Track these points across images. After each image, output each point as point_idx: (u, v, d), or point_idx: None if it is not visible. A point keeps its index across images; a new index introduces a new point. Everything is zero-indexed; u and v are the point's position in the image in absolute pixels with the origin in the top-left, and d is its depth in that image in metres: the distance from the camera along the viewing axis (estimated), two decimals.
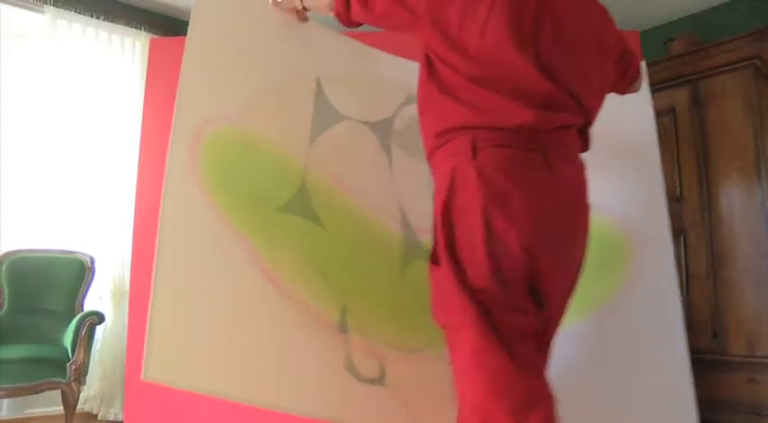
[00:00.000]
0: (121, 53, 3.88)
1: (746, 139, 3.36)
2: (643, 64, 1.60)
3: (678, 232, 3.58)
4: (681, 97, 3.67)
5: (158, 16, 4.14)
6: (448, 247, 1.22)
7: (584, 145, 1.39)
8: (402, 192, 1.73)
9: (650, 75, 3.51)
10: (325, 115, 1.67)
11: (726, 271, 3.37)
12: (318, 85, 1.72)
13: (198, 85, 1.54)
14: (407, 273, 1.66)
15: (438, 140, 1.28)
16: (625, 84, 1.59)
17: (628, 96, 1.70)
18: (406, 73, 1.79)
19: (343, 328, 1.48)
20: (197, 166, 1.43)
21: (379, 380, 1.49)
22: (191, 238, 1.38)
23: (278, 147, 1.58)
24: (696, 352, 3.41)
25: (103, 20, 3.83)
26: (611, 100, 1.54)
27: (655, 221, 1.93)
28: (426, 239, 1.58)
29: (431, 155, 1.32)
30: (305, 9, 1.71)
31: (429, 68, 1.32)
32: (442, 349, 1.37)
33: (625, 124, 1.85)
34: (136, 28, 3.93)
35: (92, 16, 3.78)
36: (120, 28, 3.90)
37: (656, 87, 3.66)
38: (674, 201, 3.63)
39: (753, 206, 3.32)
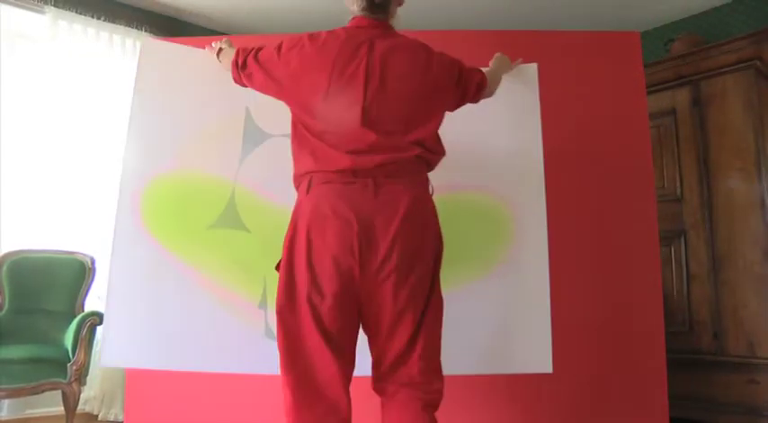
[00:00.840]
0: (122, 53, 3.89)
1: (747, 140, 3.36)
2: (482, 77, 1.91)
3: (678, 233, 3.58)
4: (681, 98, 3.67)
5: (159, 16, 4.15)
6: (287, 258, 1.60)
7: (428, 167, 1.72)
8: None
9: (651, 75, 3.55)
10: (253, 137, 2.06)
11: (726, 271, 3.37)
12: (247, 112, 2.13)
13: (138, 148, 2.06)
14: None
15: (296, 183, 1.69)
16: (471, 98, 1.86)
17: (515, 94, 2.22)
18: None
19: (263, 305, 1.97)
20: (137, 210, 1.98)
21: None
22: (133, 262, 1.97)
23: (208, 175, 2.05)
24: (696, 352, 3.43)
25: (104, 20, 3.83)
26: (500, 95, 2.03)
27: (531, 198, 2.21)
28: None
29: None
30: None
31: (293, 127, 1.70)
32: None
33: (511, 117, 2.24)
34: (137, 28, 3.93)
35: (92, 17, 3.78)
36: (121, 28, 3.90)
37: (656, 88, 3.67)
38: (675, 201, 3.63)
39: (753, 207, 3.31)
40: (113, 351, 1.95)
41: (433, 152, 1.70)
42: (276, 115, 1.99)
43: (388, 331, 1.59)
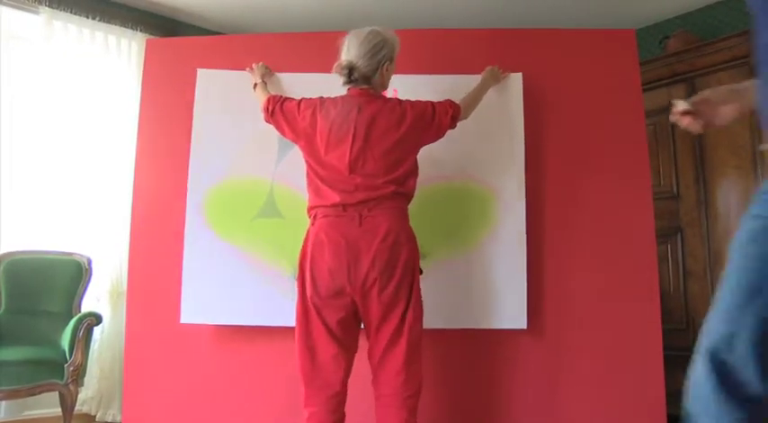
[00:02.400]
0: (117, 54, 3.88)
1: (743, 138, 3.37)
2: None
3: (675, 230, 3.59)
4: (677, 95, 3.66)
5: (154, 17, 4.14)
6: (300, 270, 2.11)
7: (405, 198, 2.17)
8: None
9: (646, 73, 3.55)
10: (287, 142, 2.41)
11: (723, 268, 3.37)
12: None
13: (200, 164, 2.62)
14: None
15: (308, 214, 2.18)
16: (447, 127, 2.26)
17: (501, 100, 2.61)
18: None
19: (292, 276, 2.34)
20: (202, 212, 2.59)
21: None
22: (200, 249, 2.58)
23: (252, 178, 2.61)
24: (694, 350, 3.43)
25: (99, 21, 3.83)
26: (487, 98, 2.51)
27: (512, 184, 2.57)
28: None
29: None
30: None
31: (306, 169, 2.20)
32: None
33: (498, 119, 2.62)
34: (132, 28, 3.93)
35: (87, 17, 3.78)
36: (116, 29, 3.90)
37: (652, 85, 3.68)
38: (671, 199, 3.64)
39: (749, 204, 3.32)
40: (188, 313, 2.52)
41: (406, 186, 2.17)
42: None
43: (376, 327, 2.07)
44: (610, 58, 2.74)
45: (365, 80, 2.14)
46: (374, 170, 2.09)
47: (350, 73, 2.12)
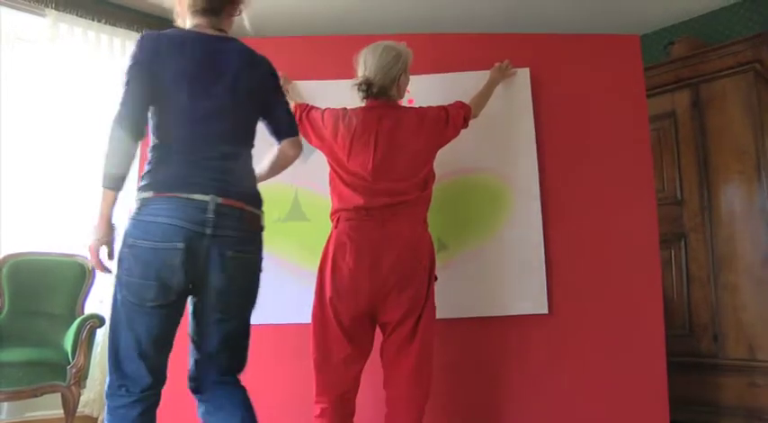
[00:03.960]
0: (123, 56, 3.89)
1: (747, 143, 3.37)
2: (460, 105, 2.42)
3: (679, 236, 3.59)
4: (681, 100, 3.68)
5: (159, 20, 4.15)
6: (320, 270, 2.19)
7: (425, 204, 2.26)
8: None
9: (651, 78, 3.55)
10: (308, 148, 2.48)
11: (726, 274, 3.37)
12: None
13: None
14: None
15: (331, 218, 2.25)
16: (462, 127, 2.37)
17: (512, 95, 2.71)
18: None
19: None
20: None
21: None
22: None
23: (278, 184, 2.49)
24: (697, 355, 3.43)
25: (104, 23, 3.84)
26: (496, 94, 2.61)
27: (526, 176, 2.67)
28: None
29: None
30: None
31: (330, 174, 2.30)
32: None
33: (504, 106, 2.70)
34: (137, 31, 3.93)
35: (93, 19, 3.79)
36: (122, 31, 3.91)
37: (656, 91, 3.68)
38: (675, 204, 3.63)
39: (753, 209, 3.32)
40: None
41: (426, 191, 2.26)
42: None
43: (392, 329, 2.13)
44: (614, 63, 2.74)
45: (383, 93, 2.25)
46: (396, 176, 2.18)
47: (368, 88, 2.23)
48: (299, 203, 2.72)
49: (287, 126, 1.97)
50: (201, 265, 1.67)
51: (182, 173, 1.70)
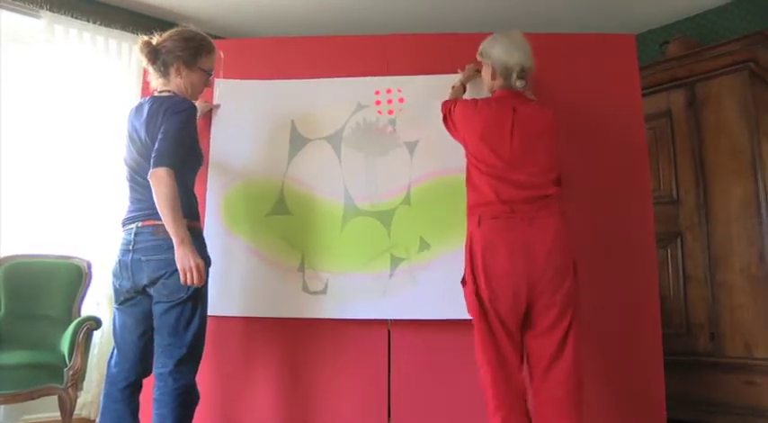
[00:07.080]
0: (118, 57, 3.89)
1: (742, 142, 3.38)
2: None
3: (675, 234, 3.59)
4: (677, 100, 3.69)
5: (155, 21, 4.15)
6: (470, 274, 2.14)
7: (563, 202, 2.19)
8: (346, 175, 2.69)
9: (646, 77, 3.56)
10: (297, 143, 2.70)
11: (723, 273, 3.38)
12: (292, 124, 2.75)
13: (218, 167, 2.74)
14: (345, 228, 2.66)
15: (468, 212, 2.23)
16: None
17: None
18: (356, 87, 2.72)
19: (301, 269, 2.63)
20: (219, 212, 2.70)
21: (323, 291, 2.60)
22: (216, 244, 2.48)
23: (265, 177, 2.71)
24: (693, 354, 3.43)
25: (100, 25, 3.84)
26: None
27: None
28: (362, 204, 2.66)
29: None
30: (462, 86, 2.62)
31: (467, 167, 2.28)
32: (363, 270, 2.59)
33: None
34: (132, 32, 3.92)
35: (88, 21, 3.79)
36: (117, 32, 3.90)
37: (652, 90, 3.68)
38: (671, 203, 3.64)
39: (749, 208, 3.33)
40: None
41: (561, 188, 2.21)
42: (314, 123, 2.73)
43: (548, 328, 2.07)
44: (610, 62, 2.75)
45: (523, 82, 2.25)
46: (536, 170, 2.15)
47: (521, 74, 2.22)
48: (284, 198, 2.68)
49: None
50: None
51: None
